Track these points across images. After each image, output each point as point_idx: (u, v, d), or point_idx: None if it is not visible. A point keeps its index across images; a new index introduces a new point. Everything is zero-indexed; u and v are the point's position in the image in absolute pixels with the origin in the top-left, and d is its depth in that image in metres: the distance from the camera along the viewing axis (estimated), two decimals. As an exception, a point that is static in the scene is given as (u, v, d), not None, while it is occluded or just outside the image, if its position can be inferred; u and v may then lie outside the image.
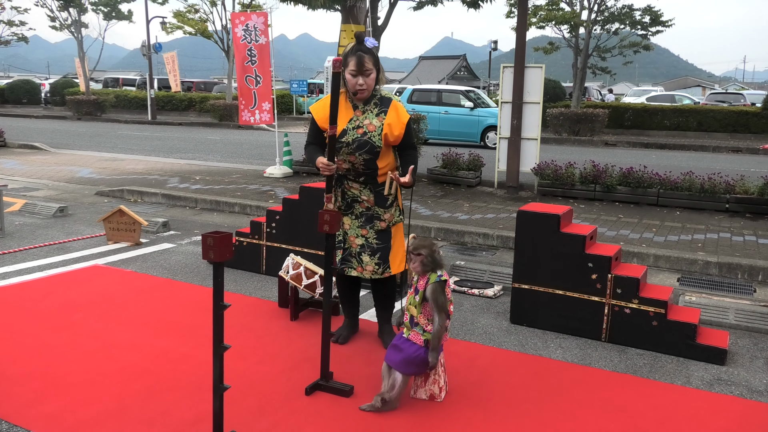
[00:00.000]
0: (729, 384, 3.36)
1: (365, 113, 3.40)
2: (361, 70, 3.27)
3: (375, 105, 3.41)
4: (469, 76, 61.50)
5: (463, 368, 3.41)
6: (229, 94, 25.43)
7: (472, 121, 16.70)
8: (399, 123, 3.38)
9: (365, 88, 3.32)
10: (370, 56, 3.30)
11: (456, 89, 18.29)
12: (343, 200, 3.51)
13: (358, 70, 3.27)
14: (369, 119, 3.38)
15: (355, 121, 3.38)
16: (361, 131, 3.35)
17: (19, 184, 9.53)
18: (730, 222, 7.06)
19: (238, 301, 4.39)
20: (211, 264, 2.40)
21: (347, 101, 3.42)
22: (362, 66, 3.27)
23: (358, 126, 3.36)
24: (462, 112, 16.78)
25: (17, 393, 3.02)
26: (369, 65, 3.29)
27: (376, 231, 3.51)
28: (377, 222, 3.50)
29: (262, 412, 2.90)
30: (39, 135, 17.79)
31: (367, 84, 3.32)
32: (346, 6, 9.32)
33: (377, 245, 3.51)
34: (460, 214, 7.29)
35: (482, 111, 16.64)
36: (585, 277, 3.88)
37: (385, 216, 3.51)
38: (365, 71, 3.28)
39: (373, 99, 3.42)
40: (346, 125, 3.36)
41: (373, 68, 3.31)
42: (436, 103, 17.14)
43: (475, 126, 16.67)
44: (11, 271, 5.07)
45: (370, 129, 3.35)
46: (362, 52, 3.28)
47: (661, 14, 20.35)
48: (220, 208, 7.97)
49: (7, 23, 31.74)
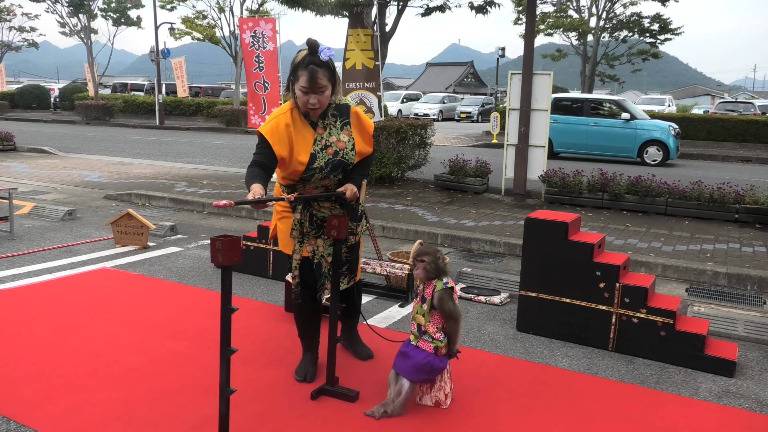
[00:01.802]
0: (738, 396, 3.33)
1: (327, 128, 3.01)
2: (313, 87, 2.83)
3: (333, 116, 3.03)
4: (476, 83, 61.59)
5: (469, 375, 3.40)
6: (237, 100, 25.56)
7: (627, 134, 14.80)
8: (367, 134, 3.12)
9: (317, 107, 2.90)
10: (324, 70, 2.84)
11: (608, 98, 16.50)
12: (312, 224, 3.12)
13: (309, 88, 2.83)
14: (335, 135, 3.01)
15: (320, 141, 2.97)
16: (331, 151, 2.97)
17: (29, 187, 9.59)
18: (739, 232, 7.02)
19: (245, 305, 4.40)
20: (219, 268, 2.41)
21: (301, 119, 2.98)
22: (314, 82, 2.82)
23: (327, 146, 2.98)
24: (615, 123, 14.93)
25: (25, 394, 3.03)
26: (323, 81, 2.84)
27: (348, 246, 3.27)
28: (351, 237, 3.25)
29: (267, 416, 2.90)
30: (48, 139, 17.91)
31: (321, 102, 2.89)
32: (353, 12, 9.35)
33: (346, 257, 3.27)
34: (467, 221, 7.29)
35: (640, 123, 14.80)
36: (593, 286, 3.86)
37: (357, 229, 3.28)
38: (318, 88, 2.84)
39: (329, 110, 3.02)
40: (312, 148, 2.95)
41: (328, 84, 2.88)
42: (583, 113, 15.37)
43: (630, 140, 14.78)
44: (20, 273, 5.10)
45: (340, 146, 2.99)
46: (315, 66, 2.82)
47: (669, 22, 20.35)
48: (227, 212, 7.99)
49: (18, 29, 32.04)
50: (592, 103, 15.69)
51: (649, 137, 14.62)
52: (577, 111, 15.46)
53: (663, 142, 14.54)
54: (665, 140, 14.53)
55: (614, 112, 15.24)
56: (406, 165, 9.63)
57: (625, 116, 14.87)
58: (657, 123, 15.00)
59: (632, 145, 14.78)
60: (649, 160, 14.63)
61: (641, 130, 14.74)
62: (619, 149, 14.95)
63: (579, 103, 15.68)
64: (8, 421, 2.79)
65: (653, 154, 14.61)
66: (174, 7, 26.68)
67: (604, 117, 15.26)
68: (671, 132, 14.63)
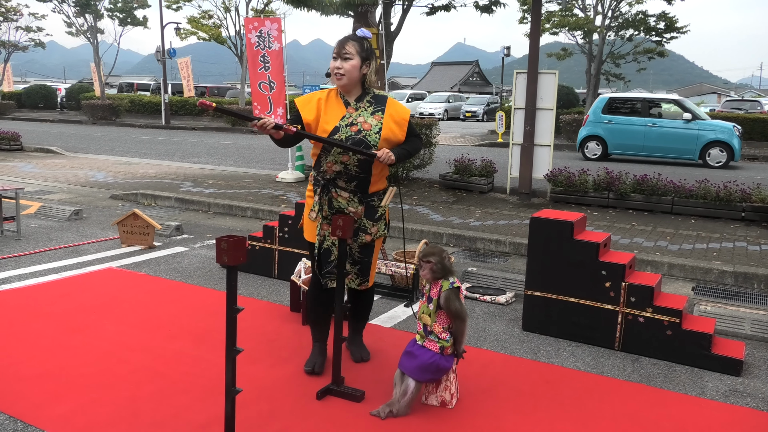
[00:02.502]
0: (744, 395, 3.31)
1: (358, 110, 3.20)
2: (340, 52, 3.14)
3: (369, 103, 3.24)
4: (481, 82, 61.50)
5: (475, 375, 3.40)
6: (242, 99, 25.61)
7: (688, 135, 14.21)
8: (400, 118, 3.24)
9: (342, 72, 3.14)
10: (355, 42, 3.16)
11: (668, 98, 16.17)
12: (330, 209, 3.26)
13: (337, 52, 3.16)
14: (363, 117, 3.18)
15: (348, 119, 3.17)
16: (355, 129, 3.15)
17: (35, 187, 9.63)
18: (746, 231, 6.99)
19: (250, 305, 4.40)
20: (225, 267, 2.41)
21: (338, 97, 3.24)
22: (342, 48, 3.15)
23: (352, 123, 3.16)
24: (675, 124, 14.40)
25: (31, 393, 3.04)
26: (350, 49, 3.14)
27: (360, 244, 3.31)
28: (362, 235, 3.29)
29: (273, 416, 2.91)
30: (55, 139, 17.98)
31: (345, 69, 3.14)
32: (358, 12, 9.35)
33: (359, 257, 3.34)
34: (472, 220, 7.28)
35: (702, 124, 14.24)
36: (598, 285, 3.85)
37: (371, 229, 3.29)
38: (344, 54, 3.14)
39: (366, 96, 3.24)
40: (338, 122, 3.16)
41: (356, 55, 3.14)
42: (640, 113, 14.98)
43: (692, 141, 14.18)
44: (27, 273, 5.12)
45: (365, 127, 3.15)
46: (348, 38, 3.19)
47: (675, 20, 20.25)
48: (233, 212, 8.01)
49: (24, 29, 32.19)
50: (650, 102, 15.30)
51: (712, 138, 14.02)
52: (634, 111, 15.08)
53: (727, 143, 13.92)
54: (729, 141, 13.91)
55: (674, 112, 14.82)
56: (411, 164, 9.62)
57: (687, 116, 14.34)
58: (720, 123, 14.47)
59: (694, 146, 14.19)
60: (713, 162, 14.03)
61: (704, 131, 14.13)
62: (680, 151, 14.42)
63: (636, 103, 15.29)
64: (15, 420, 2.81)
65: (716, 156, 14.01)
66: (180, 7, 26.76)
67: (663, 117, 14.81)
68: (735, 132, 14.07)
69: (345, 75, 3.15)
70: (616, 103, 15.40)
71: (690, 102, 15.85)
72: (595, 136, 15.32)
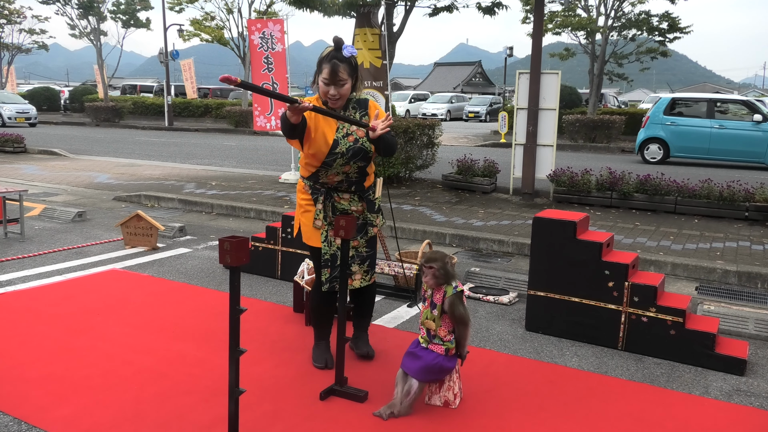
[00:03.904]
0: (748, 395, 3.31)
1: None
2: (334, 79, 3.08)
3: (354, 109, 3.26)
4: (484, 82, 61.48)
5: (478, 375, 3.40)
6: (245, 101, 25.63)
7: (759, 137, 13.59)
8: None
9: (338, 98, 3.14)
10: (345, 65, 3.09)
11: (736, 98, 15.56)
12: (334, 213, 3.30)
13: (330, 80, 3.09)
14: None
15: (342, 130, 3.19)
16: (352, 139, 3.18)
17: (39, 189, 9.66)
18: (749, 230, 6.97)
19: (254, 305, 4.41)
20: (228, 268, 2.42)
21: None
22: (335, 75, 3.07)
23: (347, 134, 3.19)
24: (744, 126, 13.77)
25: (36, 395, 3.05)
26: (343, 75, 3.09)
27: (367, 240, 3.40)
28: (370, 229, 3.39)
29: (276, 416, 2.91)
30: (58, 141, 18.04)
31: (341, 94, 3.13)
32: (361, 13, 9.36)
33: (366, 253, 3.41)
34: (475, 221, 7.28)
35: None
36: (601, 285, 3.85)
37: (376, 221, 3.41)
38: (338, 81, 3.09)
39: (350, 103, 3.26)
40: (335, 135, 3.17)
41: (348, 78, 3.11)
42: (706, 115, 14.38)
43: (762, 144, 13.56)
44: (31, 274, 5.14)
45: (360, 135, 3.20)
46: (337, 60, 3.07)
47: (678, 20, 20.20)
48: (236, 213, 8.02)
49: (28, 31, 32.29)
50: (716, 103, 14.65)
51: None
52: (699, 112, 14.54)
53: None
54: None
55: (743, 113, 14.24)
56: (414, 165, 9.63)
57: (757, 118, 13.71)
58: None
59: (764, 149, 13.58)
60: None
61: None
62: (749, 154, 13.77)
63: (701, 104, 14.74)
64: (19, 422, 2.81)
65: None
66: (182, 8, 26.80)
67: (730, 119, 14.18)
68: None
69: (340, 99, 3.16)
70: (679, 104, 14.89)
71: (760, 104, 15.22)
72: (656, 139, 14.80)
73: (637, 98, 47.13)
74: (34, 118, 25.33)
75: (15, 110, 24.75)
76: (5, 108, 24.67)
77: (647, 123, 15.14)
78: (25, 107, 25.44)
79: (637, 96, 53.59)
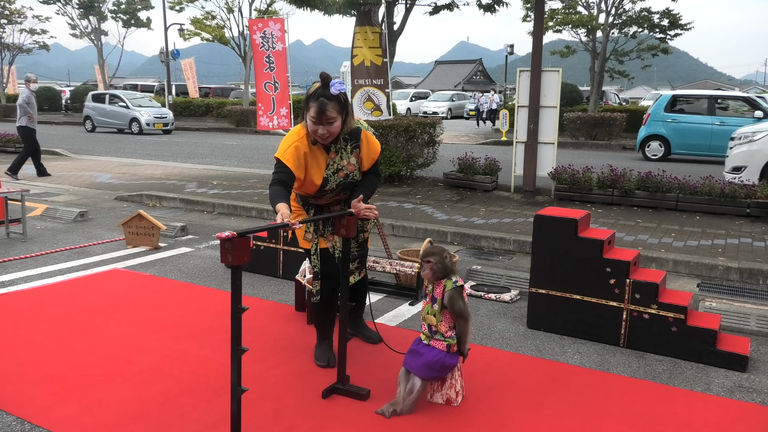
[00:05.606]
0: (750, 391, 3.31)
1: (339, 153, 3.19)
2: (321, 119, 2.96)
3: (345, 141, 3.17)
4: (485, 80, 61.42)
5: (480, 373, 3.40)
6: (246, 100, 25.64)
7: None
8: (370, 158, 3.27)
9: (327, 136, 3.05)
10: (334, 103, 2.96)
11: (736, 95, 15.44)
12: (326, 224, 3.36)
13: (318, 119, 2.96)
14: (346, 159, 3.19)
15: (332, 166, 3.17)
16: (342, 174, 3.18)
17: (41, 189, 9.67)
18: (751, 227, 6.97)
19: (255, 304, 4.41)
20: (229, 267, 2.42)
21: (318, 144, 3.15)
22: (323, 114, 2.95)
23: (338, 169, 3.18)
24: (746, 123, 13.21)
25: (38, 395, 3.06)
26: (332, 113, 2.97)
27: (359, 242, 3.53)
28: (361, 234, 3.51)
29: (279, 415, 2.92)
30: (60, 141, 18.05)
31: (330, 132, 3.02)
32: (361, 11, 9.35)
33: (357, 252, 3.54)
34: (477, 219, 7.28)
35: None
36: (603, 282, 3.85)
37: (367, 226, 3.54)
38: (326, 120, 2.97)
39: (341, 135, 3.15)
40: (324, 173, 3.15)
41: (338, 115, 3.00)
42: (707, 112, 14.38)
43: None
44: (33, 274, 5.15)
45: (350, 169, 3.20)
46: (325, 99, 2.94)
47: (679, 17, 20.16)
48: (238, 212, 8.02)
49: (29, 31, 32.32)
50: (717, 100, 14.61)
51: None
52: (700, 109, 14.51)
53: None
54: None
55: (744, 110, 14.23)
56: (415, 163, 9.62)
57: (758, 114, 13.61)
58: None
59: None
60: None
61: None
62: None
63: (702, 101, 14.70)
64: (22, 422, 2.82)
65: None
66: (183, 8, 26.81)
67: (732, 116, 14.17)
68: None
69: (330, 137, 3.08)
70: (680, 101, 14.87)
71: (761, 100, 15.11)
72: (657, 136, 14.81)
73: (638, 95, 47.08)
74: (171, 124, 23.09)
75: (153, 115, 22.42)
76: (143, 112, 22.29)
77: (648, 120, 15.13)
78: (161, 111, 23.08)
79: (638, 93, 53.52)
